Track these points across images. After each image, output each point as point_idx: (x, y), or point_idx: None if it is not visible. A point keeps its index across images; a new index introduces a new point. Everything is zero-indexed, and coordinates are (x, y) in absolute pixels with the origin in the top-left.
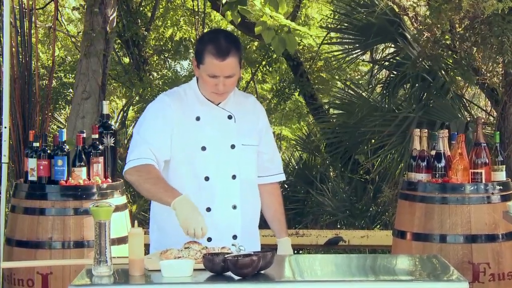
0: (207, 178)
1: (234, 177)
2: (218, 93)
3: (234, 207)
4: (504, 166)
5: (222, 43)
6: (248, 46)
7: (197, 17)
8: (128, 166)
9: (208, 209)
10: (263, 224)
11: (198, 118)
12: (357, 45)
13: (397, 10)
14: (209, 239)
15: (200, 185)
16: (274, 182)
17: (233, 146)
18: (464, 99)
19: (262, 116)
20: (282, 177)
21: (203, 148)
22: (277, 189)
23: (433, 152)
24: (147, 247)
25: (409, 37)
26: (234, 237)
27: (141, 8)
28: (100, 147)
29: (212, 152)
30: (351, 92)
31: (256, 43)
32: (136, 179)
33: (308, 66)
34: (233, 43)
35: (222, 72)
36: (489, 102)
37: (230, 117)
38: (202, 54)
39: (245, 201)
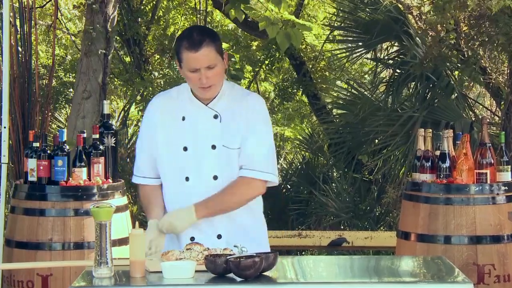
0: (187, 179)
1: (215, 177)
2: (204, 87)
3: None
4: (510, 166)
5: (195, 36)
6: (251, 45)
7: (198, 15)
8: (134, 181)
9: None
10: (266, 225)
11: (183, 118)
12: (361, 43)
13: (401, 8)
14: (192, 239)
15: (181, 185)
16: (243, 175)
17: (214, 147)
18: (469, 99)
19: (256, 119)
20: (257, 174)
21: (185, 149)
22: (241, 181)
23: (437, 152)
24: None
25: (414, 35)
26: (219, 236)
27: (142, 7)
28: (101, 147)
29: (193, 152)
30: (355, 92)
31: (258, 42)
32: (142, 200)
33: (311, 66)
34: (206, 34)
35: (199, 64)
36: (494, 101)
37: (215, 117)
38: (179, 51)
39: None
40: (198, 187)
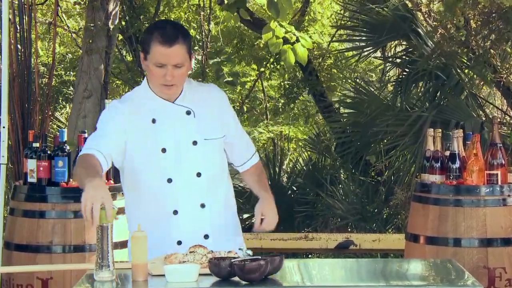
0: (169, 180)
1: (199, 174)
2: (166, 84)
3: (203, 205)
4: None
5: (169, 30)
6: (256, 43)
7: (202, 13)
8: (83, 152)
9: (175, 212)
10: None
11: (154, 121)
12: (369, 42)
13: (409, 5)
14: (179, 242)
15: (163, 188)
16: (253, 164)
17: (195, 143)
18: (479, 98)
19: (226, 105)
20: (256, 155)
21: (163, 150)
22: (255, 167)
23: (447, 153)
24: None
25: (422, 33)
26: (206, 236)
27: (144, 4)
28: None
29: (172, 152)
30: (362, 91)
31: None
32: (76, 167)
33: (317, 64)
34: (180, 31)
35: (169, 60)
36: (505, 101)
37: (188, 113)
38: (149, 42)
39: (214, 199)
40: (181, 187)
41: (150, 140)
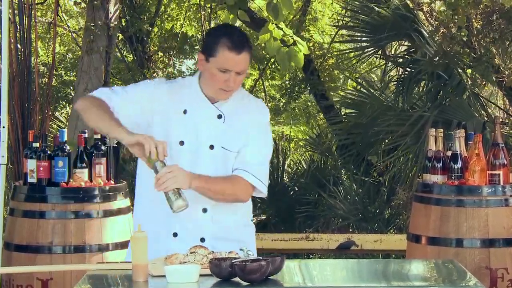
0: None
1: None
2: (227, 90)
3: (204, 210)
4: None
5: (237, 37)
6: (257, 43)
7: (203, 12)
8: (94, 94)
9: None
10: (272, 227)
11: (185, 111)
12: (370, 42)
13: (411, 5)
14: (175, 234)
15: None
16: (239, 175)
17: (212, 147)
18: (481, 98)
19: (262, 123)
20: (251, 179)
21: (181, 143)
22: (238, 180)
23: (449, 153)
24: None
25: (424, 33)
26: (202, 240)
27: (144, 3)
28: (103, 147)
29: (189, 148)
30: (364, 91)
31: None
32: (85, 104)
33: (318, 64)
34: (247, 39)
35: (235, 67)
36: (507, 100)
37: (219, 117)
38: (215, 46)
39: (217, 206)
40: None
41: (174, 129)
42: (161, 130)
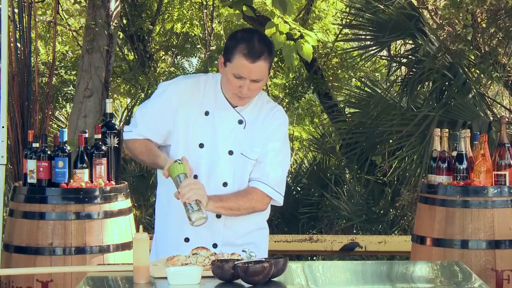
0: (195, 177)
1: (225, 184)
2: (240, 96)
3: (218, 216)
4: None
5: (256, 43)
6: None
7: (205, 10)
8: (128, 137)
9: None
10: (275, 228)
11: (207, 113)
12: (374, 41)
13: (415, 4)
14: (187, 240)
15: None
16: (257, 187)
17: (231, 152)
18: (487, 97)
19: (281, 131)
20: (270, 191)
21: (201, 145)
22: (254, 192)
23: (454, 153)
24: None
25: (428, 32)
26: (214, 245)
27: (146, 1)
28: (103, 147)
29: (208, 152)
30: (368, 90)
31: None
32: (136, 147)
33: (322, 63)
34: (266, 45)
35: (249, 75)
36: None
37: (240, 122)
38: (232, 52)
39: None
40: (206, 189)
41: (195, 130)
42: (182, 130)
